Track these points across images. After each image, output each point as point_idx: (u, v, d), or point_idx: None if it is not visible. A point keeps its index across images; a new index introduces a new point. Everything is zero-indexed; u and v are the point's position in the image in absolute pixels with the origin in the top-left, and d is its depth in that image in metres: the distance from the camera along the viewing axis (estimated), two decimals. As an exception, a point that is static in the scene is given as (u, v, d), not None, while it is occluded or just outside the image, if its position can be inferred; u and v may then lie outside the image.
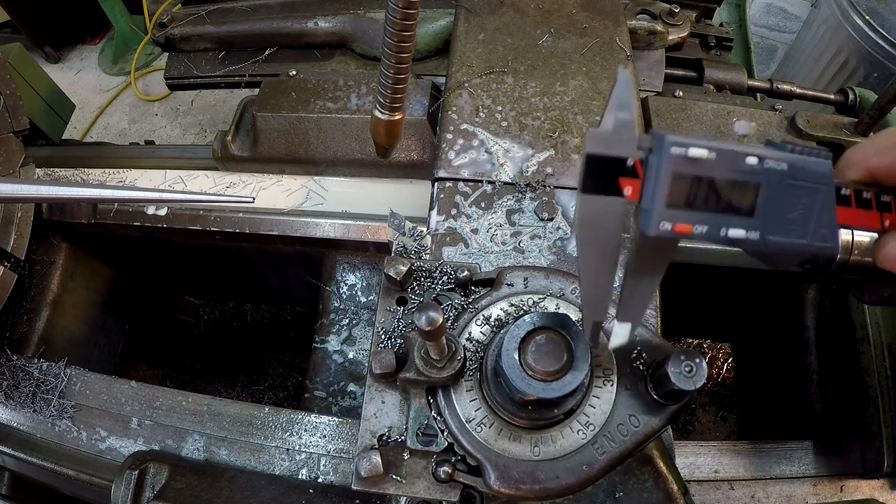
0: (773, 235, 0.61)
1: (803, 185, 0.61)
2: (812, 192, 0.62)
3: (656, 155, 0.59)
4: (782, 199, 0.61)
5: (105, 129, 4.22)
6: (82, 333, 1.98)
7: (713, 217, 0.60)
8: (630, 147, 0.60)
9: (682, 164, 0.59)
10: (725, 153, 0.59)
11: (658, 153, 0.59)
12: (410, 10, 0.91)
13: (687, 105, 1.58)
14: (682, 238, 0.61)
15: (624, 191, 0.60)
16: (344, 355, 1.71)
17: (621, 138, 0.59)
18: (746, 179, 0.60)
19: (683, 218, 0.60)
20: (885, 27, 2.64)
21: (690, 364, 0.78)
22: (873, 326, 1.58)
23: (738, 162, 0.60)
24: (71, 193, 1.10)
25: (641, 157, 0.60)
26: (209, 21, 1.92)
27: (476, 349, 0.90)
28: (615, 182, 0.60)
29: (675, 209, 0.59)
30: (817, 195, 0.62)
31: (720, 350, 3.06)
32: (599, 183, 0.60)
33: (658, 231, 0.59)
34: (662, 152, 0.58)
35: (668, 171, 0.58)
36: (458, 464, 0.87)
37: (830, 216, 0.63)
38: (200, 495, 1.17)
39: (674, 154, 0.58)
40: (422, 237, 1.15)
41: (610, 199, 0.60)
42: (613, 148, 0.60)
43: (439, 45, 1.81)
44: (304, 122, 1.59)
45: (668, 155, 0.58)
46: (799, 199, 0.62)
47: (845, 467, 1.50)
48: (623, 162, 0.60)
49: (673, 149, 0.58)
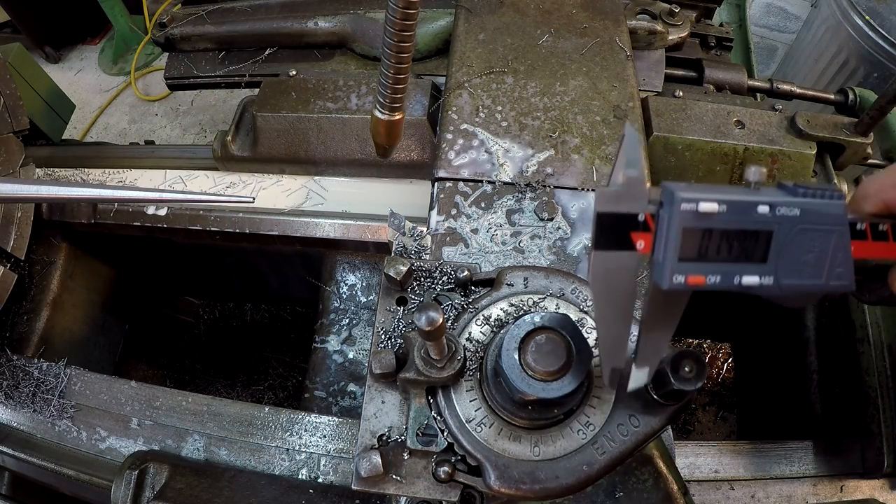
0: (787, 280, 0.61)
1: (817, 229, 0.61)
2: (826, 235, 0.61)
3: (667, 210, 0.59)
4: (795, 243, 0.61)
5: (105, 129, 4.22)
6: (82, 333, 1.98)
7: (726, 266, 0.60)
8: (640, 203, 0.60)
9: (693, 218, 0.59)
10: (736, 205, 0.59)
11: (668, 208, 0.59)
12: (410, 10, 0.91)
13: (687, 105, 1.58)
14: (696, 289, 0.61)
15: (636, 245, 0.61)
16: (344, 355, 1.71)
17: (631, 195, 0.60)
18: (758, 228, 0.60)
19: (696, 270, 0.60)
20: (885, 27, 2.64)
21: (690, 364, 0.78)
22: (873, 326, 1.58)
23: (750, 212, 0.60)
24: (71, 193, 1.10)
25: (652, 211, 0.60)
26: (209, 21, 1.92)
27: (476, 349, 0.90)
28: (627, 237, 0.61)
29: (688, 262, 0.60)
30: (831, 237, 0.62)
31: (720, 350, 3.06)
32: (611, 240, 0.61)
33: (671, 284, 0.60)
34: (673, 208, 0.59)
35: (678, 226, 0.59)
36: (458, 464, 0.87)
37: (846, 255, 0.62)
38: (200, 495, 1.17)
39: (684, 210, 0.58)
40: (422, 237, 1.15)
41: (622, 253, 0.61)
42: (624, 205, 0.60)
43: (439, 45, 1.81)
44: (304, 122, 1.59)
45: (678, 211, 0.58)
46: (813, 242, 0.61)
47: (845, 467, 1.50)
48: (634, 217, 0.60)
49: (683, 205, 0.58)
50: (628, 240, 0.61)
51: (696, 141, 1.52)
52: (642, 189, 0.60)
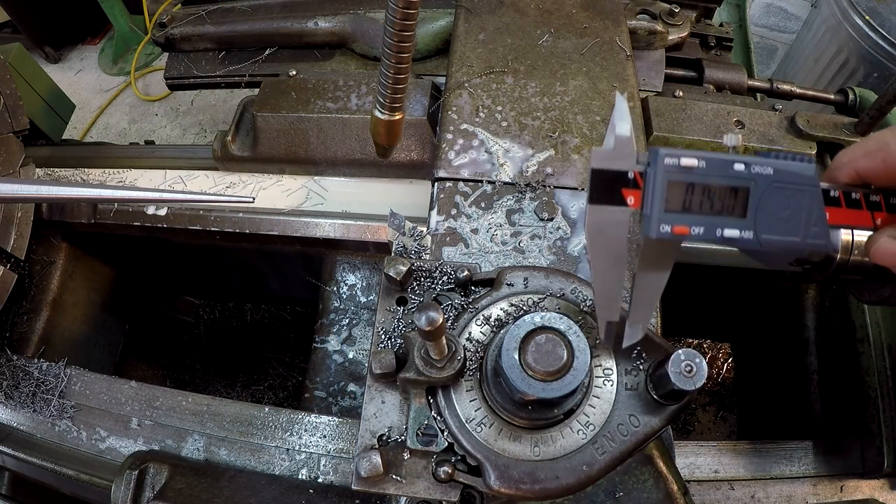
0: (765, 234, 0.67)
1: (790, 187, 0.68)
2: (799, 194, 0.68)
3: (652, 166, 0.67)
4: (772, 200, 0.67)
5: (105, 129, 4.22)
6: (82, 333, 1.98)
7: (709, 219, 0.67)
8: (630, 162, 0.67)
9: (676, 172, 0.66)
10: (714, 161, 0.67)
11: (654, 165, 0.67)
12: (410, 10, 0.91)
13: (687, 105, 1.58)
14: (682, 239, 0.67)
15: (627, 200, 0.67)
16: (344, 355, 1.71)
17: (622, 154, 0.67)
18: (736, 184, 0.67)
19: (681, 220, 0.66)
20: (885, 27, 2.64)
21: (690, 364, 0.78)
22: (873, 326, 1.58)
23: (727, 168, 0.67)
24: (71, 193, 1.10)
25: (641, 169, 0.67)
26: (209, 21, 1.92)
27: (476, 349, 0.90)
28: (619, 193, 0.67)
29: (674, 213, 0.66)
30: (804, 196, 0.68)
31: (720, 350, 3.06)
32: (605, 194, 0.67)
33: (659, 233, 0.66)
34: (657, 163, 0.66)
35: (663, 179, 0.66)
36: (458, 464, 0.87)
37: (820, 214, 0.69)
38: (200, 495, 1.17)
39: (667, 164, 0.66)
40: (422, 237, 1.15)
41: (615, 208, 0.68)
42: (615, 163, 0.67)
43: (439, 45, 1.81)
44: (304, 122, 1.59)
45: (662, 165, 0.66)
46: (787, 200, 0.68)
47: (845, 467, 1.50)
48: (625, 175, 0.67)
49: (666, 159, 0.66)
50: (620, 195, 0.67)
51: (696, 141, 1.52)
52: (631, 150, 0.67)
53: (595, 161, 0.67)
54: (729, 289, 2.08)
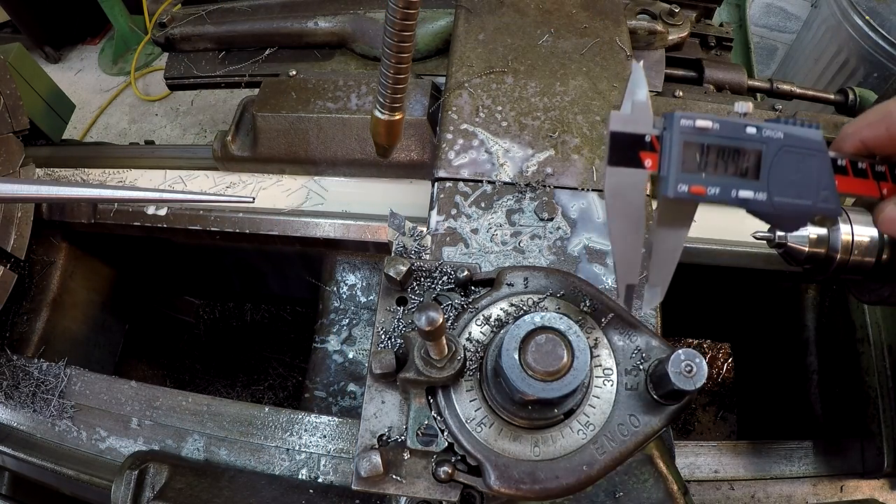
0: (778, 196, 0.69)
1: (800, 151, 0.70)
2: (809, 158, 0.70)
3: (668, 130, 0.69)
4: (783, 164, 0.70)
5: (105, 129, 4.22)
6: (82, 333, 1.98)
7: (724, 180, 0.69)
8: (647, 125, 0.70)
9: (691, 133, 0.69)
10: (727, 124, 0.69)
11: (670, 127, 0.69)
12: (410, 10, 0.91)
13: (687, 105, 1.58)
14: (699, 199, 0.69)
15: (644, 163, 0.69)
16: (344, 355, 1.71)
17: (639, 118, 0.69)
18: (748, 147, 0.69)
19: (698, 181, 0.69)
20: (885, 27, 2.64)
21: (690, 364, 0.78)
22: (873, 326, 1.58)
23: (740, 131, 0.70)
24: (71, 193, 1.10)
25: (657, 133, 0.70)
26: (209, 21, 1.92)
27: (476, 349, 0.89)
28: (637, 155, 0.69)
29: (690, 174, 0.68)
30: (814, 160, 0.71)
31: (720, 350, 3.06)
32: (623, 156, 0.69)
33: (676, 193, 0.68)
34: (673, 125, 0.69)
35: (679, 140, 0.68)
36: (458, 464, 0.87)
37: (829, 179, 0.71)
38: (200, 495, 1.17)
39: (683, 126, 0.68)
40: (422, 237, 1.15)
41: (633, 170, 0.70)
42: (633, 126, 0.69)
43: (439, 45, 1.81)
44: (304, 122, 1.59)
45: (678, 126, 0.68)
46: (798, 163, 0.70)
47: (845, 467, 1.50)
48: (642, 138, 0.69)
49: (682, 121, 0.68)
50: (637, 158, 0.69)
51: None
52: (648, 113, 0.70)
53: (613, 124, 0.69)
54: (729, 289, 2.08)
